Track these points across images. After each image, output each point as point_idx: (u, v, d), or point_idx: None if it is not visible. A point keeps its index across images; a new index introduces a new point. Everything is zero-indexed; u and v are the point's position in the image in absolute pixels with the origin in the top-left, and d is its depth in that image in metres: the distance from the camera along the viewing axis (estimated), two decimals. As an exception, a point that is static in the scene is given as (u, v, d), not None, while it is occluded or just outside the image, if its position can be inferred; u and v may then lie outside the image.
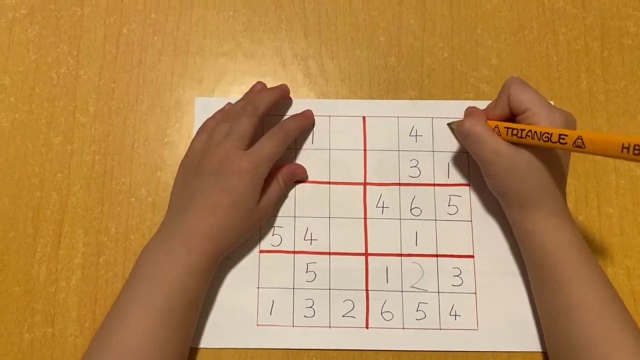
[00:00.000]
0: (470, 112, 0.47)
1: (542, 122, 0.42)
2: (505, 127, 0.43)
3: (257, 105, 0.48)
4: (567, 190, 0.50)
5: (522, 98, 0.43)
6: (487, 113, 0.46)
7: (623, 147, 0.34)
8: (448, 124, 0.50)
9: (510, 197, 0.45)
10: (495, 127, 0.44)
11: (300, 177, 0.51)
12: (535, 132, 0.40)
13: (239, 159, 0.45)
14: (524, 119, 0.43)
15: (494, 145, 0.43)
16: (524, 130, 0.41)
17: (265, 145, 0.46)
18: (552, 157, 0.43)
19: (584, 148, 0.37)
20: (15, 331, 0.48)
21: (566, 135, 0.38)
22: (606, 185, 0.51)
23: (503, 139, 0.43)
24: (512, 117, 0.45)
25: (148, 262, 0.44)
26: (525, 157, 0.42)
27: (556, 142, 0.39)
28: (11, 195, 0.51)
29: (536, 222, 0.44)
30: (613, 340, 0.40)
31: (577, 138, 0.37)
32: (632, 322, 0.41)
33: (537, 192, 0.43)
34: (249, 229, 0.47)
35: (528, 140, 0.41)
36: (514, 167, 0.43)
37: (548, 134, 0.39)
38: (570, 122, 0.43)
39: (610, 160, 0.51)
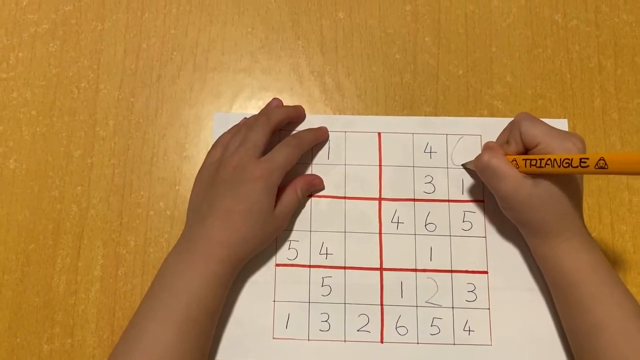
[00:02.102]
0: (488, 146, 0.47)
1: (556, 152, 0.42)
2: (523, 159, 0.43)
3: (270, 116, 0.49)
4: (580, 208, 0.50)
5: (534, 133, 0.44)
6: (501, 147, 0.46)
7: None
8: (462, 165, 0.51)
9: (530, 227, 0.46)
10: (513, 161, 0.44)
11: (318, 187, 0.51)
12: (555, 159, 0.41)
13: (252, 166, 0.46)
14: (537, 152, 0.44)
15: (512, 178, 0.44)
16: (543, 159, 0.41)
17: (279, 152, 0.47)
18: (569, 184, 0.43)
19: (607, 169, 0.38)
20: (35, 342, 0.49)
21: (587, 159, 0.38)
22: (619, 203, 0.51)
23: (521, 171, 0.44)
24: (526, 151, 0.45)
25: (168, 273, 0.45)
26: (543, 188, 0.43)
27: (577, 167, 0.39)
28: (32, 208, 0.51)
29: (555, 248, 0.44)
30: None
31: (600, 159, 0.38)
32: None
33: (558, 220, 0.44)
34: (266, 237, 0.48)
35: (548, 168, 0.41)
36: (532, 199, 0.43)
37: (568, 159, 0.40)
38: (583, 144, 0.43)
39: (624, 178, 0.51)
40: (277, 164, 0.47)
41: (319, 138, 0.52)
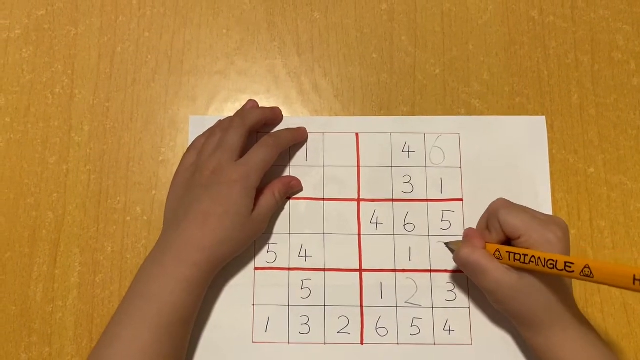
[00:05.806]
0: (467, 235, 0.46)
1: (538, 246, 0.41)
2: (507, 252, 0.42)
3: (245, 118, 0.49)
4: (559, 205, 0.51)
5: (515, 224, 0.43)
6: (482, 235, 0.45)
7: (635, 279, 0.34)
8: (446, 244, 0.50)
9: (520, 319, 0.44)
10: (496, 251, 0.43)
11: (296, 189, 0.51)
12: (539, 258, 0.39)
13: (229, 169, 0.45)
14: (519, 244, 0.43)
15: (494, 275, 0.43)
16: (527, 255, 0.40)
17: (256, 154, 0.47)
18: (555, 278, 0.42)
19: (592, 277, 0.36)
20: (12, 351, 0.48)
21: (572, 264, 0.37)
22: (598, 199, 0.51)
23: (505, 263, 0.43)
24: (508, 240, 0.44)
25: (143, 278, 0.44)
26: (527, 282, 0.42)
27: (562, 270, 0.38)
28: (7, 215, 0.51)
29: (552, 340, 0.43)
30: None
31: (585, 267, 0.36)
32: None
33: (546, 311, 0.42)
34: (243, 240, 0.47)
35: (532, 266, 0.40)
36: (517, 293, 0.42)
37: (553, 261, 0.39)
38: (564, 231, 0.42)
39: (602, 174, 0.51)
40: (254, 165, 0.46)
41: (298, 138, 0.52)
